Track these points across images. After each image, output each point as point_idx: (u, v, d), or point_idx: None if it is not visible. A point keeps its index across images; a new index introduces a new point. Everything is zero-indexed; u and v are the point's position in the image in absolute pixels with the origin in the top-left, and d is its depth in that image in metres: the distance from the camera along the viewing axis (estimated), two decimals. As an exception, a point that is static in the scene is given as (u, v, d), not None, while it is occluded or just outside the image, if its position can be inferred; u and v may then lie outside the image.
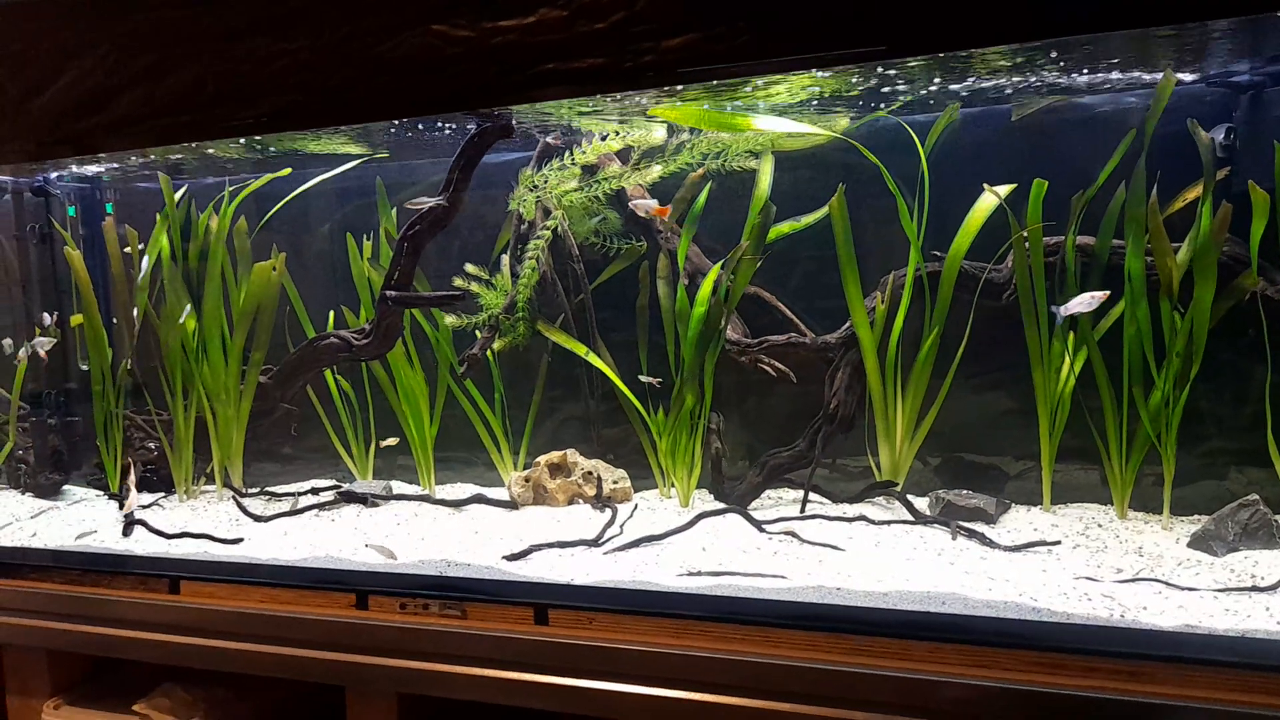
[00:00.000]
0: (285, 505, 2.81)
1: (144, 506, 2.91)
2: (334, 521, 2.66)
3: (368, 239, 3.00)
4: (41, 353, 3.08)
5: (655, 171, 2.63)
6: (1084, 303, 2.13)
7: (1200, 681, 1.57)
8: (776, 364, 2.58)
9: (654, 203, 2.60)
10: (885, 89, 2.24)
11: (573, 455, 2.77)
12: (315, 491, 3.00)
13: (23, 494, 3.19)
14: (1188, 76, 2.17)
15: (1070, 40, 1.79)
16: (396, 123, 2.53)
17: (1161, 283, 2.22)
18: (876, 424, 2.53)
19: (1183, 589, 1.82)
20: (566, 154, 2.70)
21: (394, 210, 2.97)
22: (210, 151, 2.79)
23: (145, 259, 3.02)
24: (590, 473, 2.73)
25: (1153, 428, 2.26)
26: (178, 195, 3.00)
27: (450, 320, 2.90)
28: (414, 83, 1.93)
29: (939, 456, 2.61)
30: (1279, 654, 1.59)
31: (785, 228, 2.60)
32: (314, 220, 3.15)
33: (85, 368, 3.20)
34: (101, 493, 3.15)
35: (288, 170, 2.98)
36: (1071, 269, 2.32)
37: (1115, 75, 2.14)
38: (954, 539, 2.21)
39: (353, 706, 2.12)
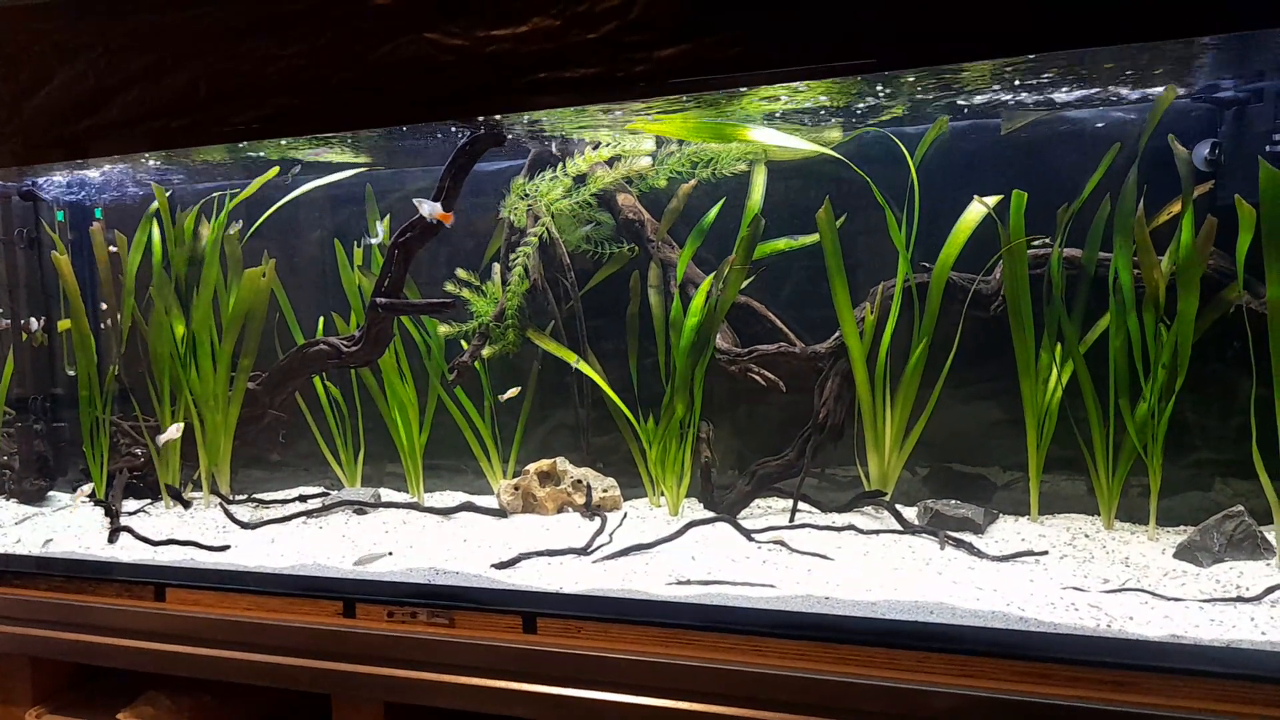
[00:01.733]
0: (271, 512, 2.80)
1: (130, 513, 2.89)
2: (321, 529, 2.65)
3: (358, 245, 3.00)
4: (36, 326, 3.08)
5: (642, 164, 2.63)
6: None
7: (1186, 691, 1.58)
8: (766, 373, 2.59)
9: (437, 206, 2.58)
10: (879, 101, 2.25)
11: (562, 463, 2.77)
12: (303, 499, 2.98)
13: (7, 500, 3.16)
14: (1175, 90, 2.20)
15: (1059, 55, 1.80)
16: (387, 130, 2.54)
17: (1147, 295, 2.24)
18: (865, 434, 2.54)
19: (1168, 599, 1.83)
20: (559, 164, 2.71)
21: (386, 217, 2.97)
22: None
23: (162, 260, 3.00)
24: (580, 481, 2.72)
25: (1139, 439, 2.28)
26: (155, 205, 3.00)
27: (444, 330, 2.90)
28: (407, 89, 1.93)
29: (927, 466, 2.62)
30: (1264, 664, 1.60)
31: (781, 244, 2.61)
32: (305, 227, 3.14)
33: (72, 373, 3.18)
34: (87, 499, 3.12)
35: (275, 171, 2.97)
36: (1058, 280, 2.34)
37: (1104, 90, 2.17)
38: (942, 549, 2.21)
39: (339, 714, 2.11)
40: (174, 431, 2.51)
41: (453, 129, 2.40)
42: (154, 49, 2.12)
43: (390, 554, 2.34)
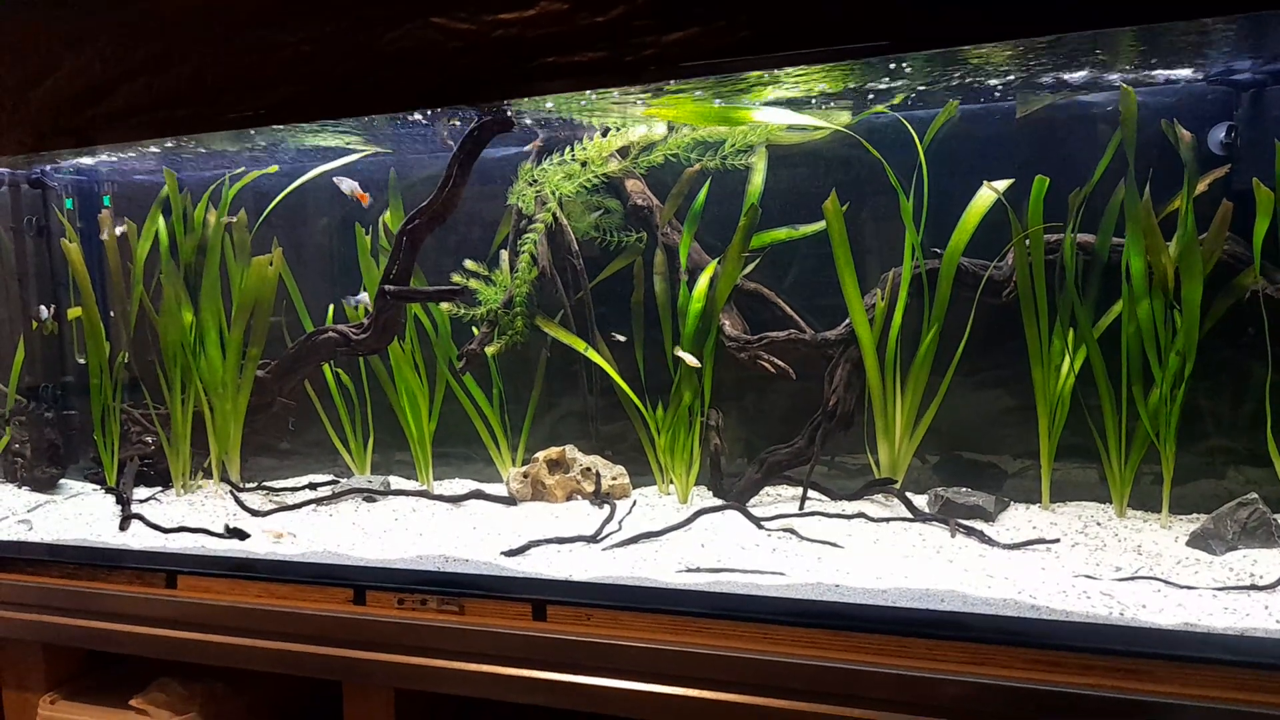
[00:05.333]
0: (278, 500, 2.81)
1: (141, 500, 2.91)
2: (331, 517, 2.65)
3: (366, 234, 2.99)
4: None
5: (637, 133, 2.61)
6: None
7: (1198, 679, 1.57)
8: (776, 361, 2.58)
9: (355, 185, 2.55)
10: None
11: (571, 451, 2.77)
12: (313, 486, 2.99)
13: (19, 488, 3.18)
14: (1191, 73, 2.17)
15: (1073, 36, 1.78)
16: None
17: (1155, 280, 2.22)
18: (875, 421, 2.53)
19: (1181, 587, 1.82)
20: (567, 149, 2.69)
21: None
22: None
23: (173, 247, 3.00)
24: (589, 469, 2.72)
25: (1152, 426, 2.26)
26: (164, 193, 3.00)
27: (445, 307, 2.89)
28: (414, 75, 1.92)
29: (938, 454, 2.60)
30: (1277, 652, 1.59)
31: (782, 234, 2.60)
32: (312, 214, 3.14)
33: (82, 361, 3.19)
34: (98, 487, 3.14)
35: (274, 169, 2.97)
36: (1071, 266, 2.32)
37: (1119, 73, 2.14)
38: (953, 536, 2.20)
39: (349, 701, 2.12)
40: (281, 531, 2.51)
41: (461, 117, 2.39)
42: (159, 38, 2.11)
43: (294, 536, 2.39)
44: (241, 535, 2.38)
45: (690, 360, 2.48)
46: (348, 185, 2.61)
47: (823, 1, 1.66)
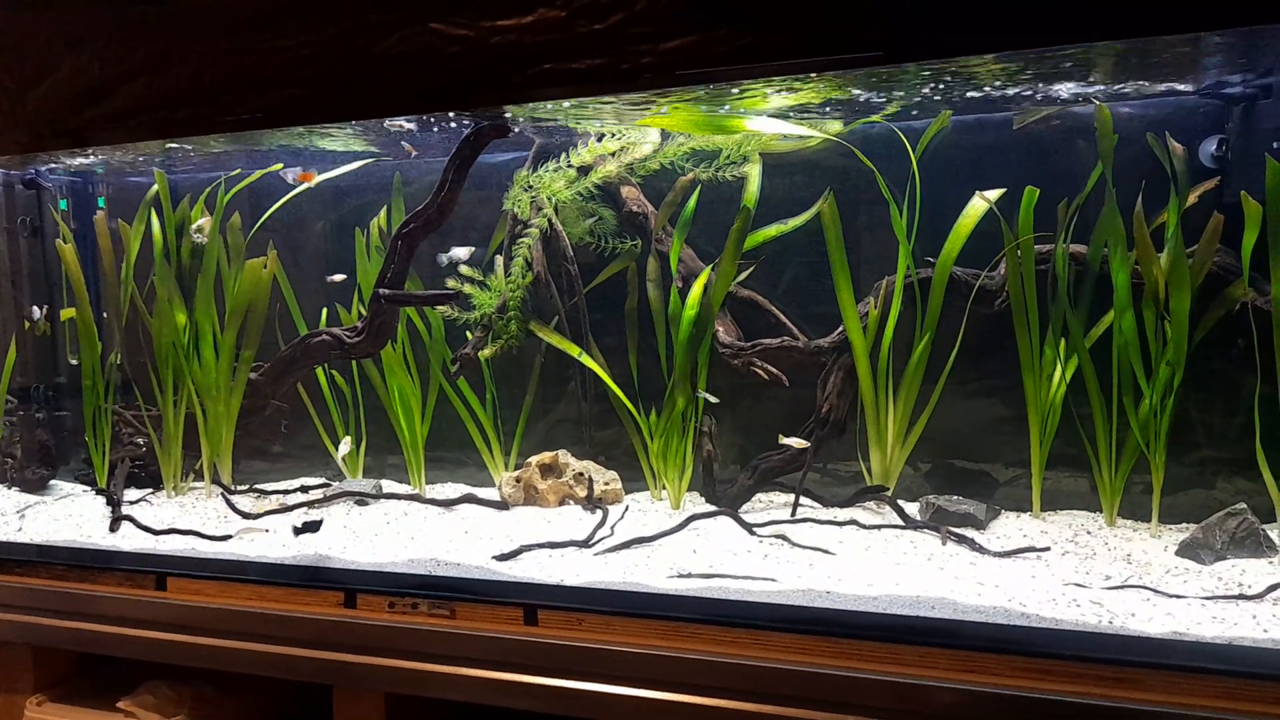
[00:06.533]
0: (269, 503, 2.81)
1: (132, 502, 2.90)
2: (323, 520, 2.64)
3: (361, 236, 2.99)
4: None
5: (644, 149, 2.61)
6: None
7: (1187, 688, 1.58)
8: (769, 367, 2.59)
9: (297, 169, 2.55)
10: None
11: (564, 456, 2.77)
12: (304, 489, 2.98)
13: (9, 488, 3.16)
14: (1183, 87, 2.19)
15: (1068, 49, 1.80)
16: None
17: (1146, 291, 2.24)
18: (868, 429, 2.54)
19: (1171, 596, 1.83)
20: (563, 155, 2.70)
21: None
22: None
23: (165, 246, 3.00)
24: (581, 474, 2.72)
25: (1142, 436, 2.27)
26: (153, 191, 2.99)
27: (443, 310, 2.89)
28: (412, 80, 1.93)
29: (930, 462, 2.61)
30: (1265, 661, 1.60)
31: (772, 231, 2.61)
32: (309, 217, 3.14)
33: (75, 362, 3.18)
34: (89, 488, 3.12)
35: (278, 166, 2.97)
36: (1063, 276, 2.33)
37: (1112, 86, 2.16)
38: (944, 544, 2.21)
39: (340, 705, 2.11)
40: (345, 445, 2.51)
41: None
42: (159, 39, 2.12)
43: (269, 530, 2.46)
44: (314, 528, 2.38)
45: (798, 443, 2.50)
46: (291, 174, 2.61)
47: (819, 11, 1.67)
